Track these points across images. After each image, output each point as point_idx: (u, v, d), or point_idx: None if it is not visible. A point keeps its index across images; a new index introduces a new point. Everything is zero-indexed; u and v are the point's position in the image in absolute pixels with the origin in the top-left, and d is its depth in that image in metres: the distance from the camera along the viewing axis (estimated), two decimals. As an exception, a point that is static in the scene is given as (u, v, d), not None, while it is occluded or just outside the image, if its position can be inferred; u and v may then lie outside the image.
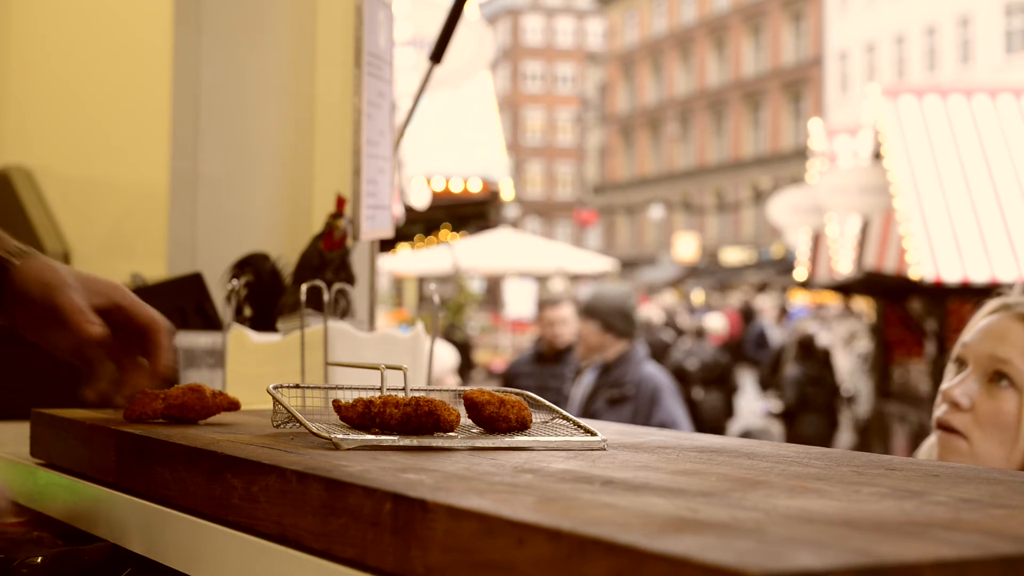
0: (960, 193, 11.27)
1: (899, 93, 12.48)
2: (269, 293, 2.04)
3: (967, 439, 1.86)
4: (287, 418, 1.39)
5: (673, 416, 5.60)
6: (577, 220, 53.72)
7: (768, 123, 46.73)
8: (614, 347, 5.81)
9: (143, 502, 1.34)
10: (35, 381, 1.95)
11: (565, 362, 6.95)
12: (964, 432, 1.86)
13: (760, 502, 0.96)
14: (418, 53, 8.03)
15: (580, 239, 56.08)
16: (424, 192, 11.23)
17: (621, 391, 5.65)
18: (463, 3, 2.55)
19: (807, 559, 0.74)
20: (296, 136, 2.65)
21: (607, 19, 60.42)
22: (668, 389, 5.76)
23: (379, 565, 0.99)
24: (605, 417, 5.48)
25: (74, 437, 1.54)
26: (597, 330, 5.81)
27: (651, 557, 0.76)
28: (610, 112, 57.99)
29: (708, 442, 1.44)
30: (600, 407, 5.65)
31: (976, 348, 1.89)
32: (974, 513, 0.94)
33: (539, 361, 7.12)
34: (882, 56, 39.50)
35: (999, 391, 1.86)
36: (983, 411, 1.86)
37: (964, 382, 1.88)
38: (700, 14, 51.47)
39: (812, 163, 16.64)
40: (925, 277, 10.67)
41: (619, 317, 5.80)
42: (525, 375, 7.11)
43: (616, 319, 5.79)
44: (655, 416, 5.53)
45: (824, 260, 15.29)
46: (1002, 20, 34.73)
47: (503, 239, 18.06)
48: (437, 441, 1.30)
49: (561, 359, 6.97)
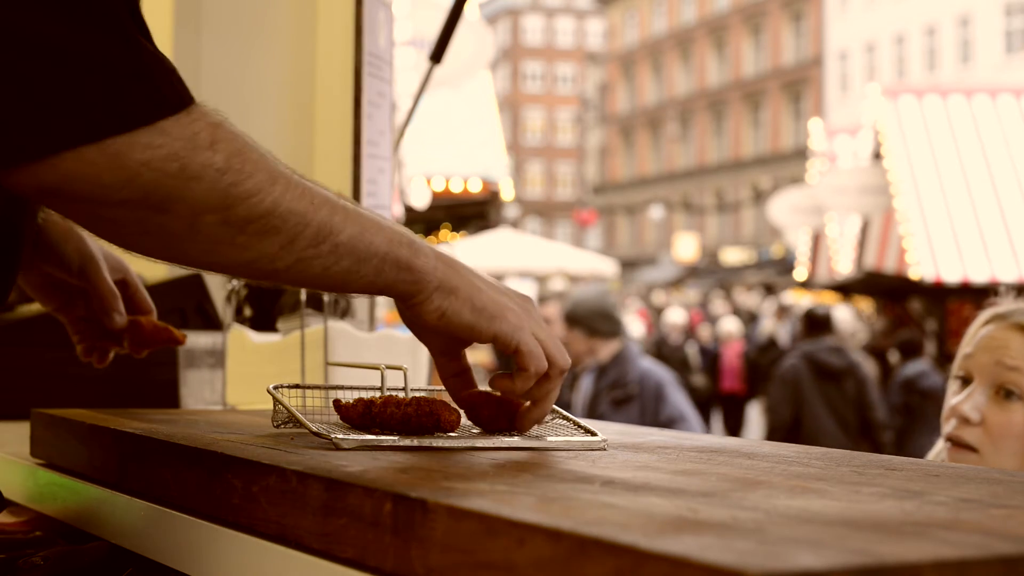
0: (960, 193, 11.27)
1: (899, 93, 12.49)
2: (269, 293, 2.04)
3: (979, 453, 1.85)
4: (287, 418, 1.39)
5: (680, 410, 5.56)
6: (577, 220, 53.72)
7: (768, 123, 46.74)
8: (605, 348, 5.77)
9: (143, 502, 1.34)
10: (35, 381, 1.95)
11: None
12: (976, 446, 1.85)
13: (760, 502, 0.96)
14: (418, 53, 8.04)
15: (580, 239, 56.07)
16: (424, 192, 11.24)
17: (625, 391, 5.60)
18: (463, 3, 2.55)
19: (807, 559, 0.74)
20: (296, 136, 2.65)
21: (607, 19, 60.43)
22: (671, 383, 5.72)
23: (379, 565, 0.99)
24: (612, 419, 5.42)
25: (74, 437, 1.54)
26: (583, 337, 5.78)
27: (651, 557, 0.76)
28: (610, 112, 58.00)
29: (708, 442, 1.44)
30: (605, 409, 5.60)
31: (979, 361, 1.88)
32: (974, 513, 0.94)
33: None
34: (882, 56, 39.51)
35: (1008, 403, 1.85)
36: (993, 423, 1.85)
37: (972, 396, 1.87)
38: (700, 14, 51.48)
39: (812, 163, 16.65)
40: (925, 277, 10.67)
41: (601, 319, 5.76)
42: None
43: (599, 321, 5.75)
44: (663, 412, 5.49)
45: (824, 260, 15.30)
46: (1002, 20, 34.74)
47: (503, 239, 18.06)
48: (437, 441, 1.30)
49: None
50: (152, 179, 1.11)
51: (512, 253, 17.98)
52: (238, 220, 1.16)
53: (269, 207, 1.17)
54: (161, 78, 1.15)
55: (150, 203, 1.12)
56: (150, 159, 1.11)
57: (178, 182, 1.12)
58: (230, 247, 1.17)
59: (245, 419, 1.60)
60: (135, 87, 1.12)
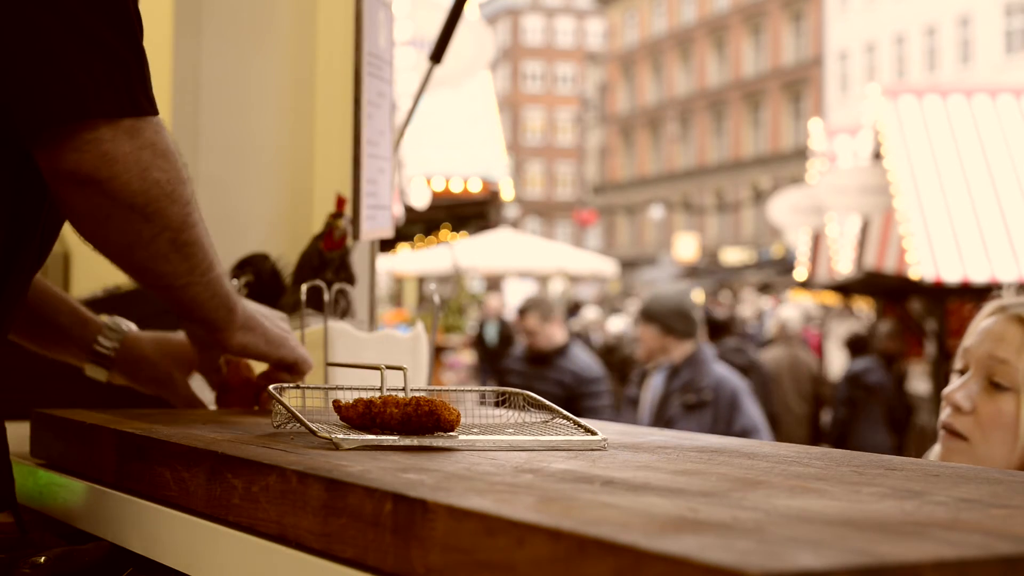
0: (960, 193, 11.26)
1: (899, 93, 12.48)
2: (269, 293, 2.04)
3: (969, 441, 1.87)
4: (287, 418, 1.39)
5: (754, 421, 5.44)
6: (577, 220, 53.71)
7: (768, 123, 46.73)
8: (679, 349, 5.61)
9: (143, 502, 1.34)
10: (35, 381, 1.95)
11: (553, 366, 6.86)
12: (966, 435, 1.87)
13: (760, 502, 0.96)
14: (418, 53, 8.04)
15: (580, 239, 56.06)
16: (424, 192, 11.24)
17: (698, 396, 5.45)
18: (463, 3, 2.55)
19: (807, 559, 0.74)
20: (296, 136, 2.65)
21: (607, 19, 60.41)
22: (746, 392, 5.60)
23: (379, 565, 0.99)
24: (682, 422, 5.33)
25: (74, 437, 1.54)
26: (658, 334, 5.62)
27: (651, 557, 0.76)
28: (610, 112, 57.98)
29: (708, 442, 1.44)
30: (675, 413, 5.47)
31: (976, 351, 1.91)
32: (974, 513, 0.94)
33: (528, 361, 7.07)
34: (882, 56, 39.50)
35: (999, 393, 1.87)
36: (984, 413, 1.87)
37: (965, 385, 1.90)
38: (700, 14, 51.46)
39: (812, 163, 16.63)
40: (925, 277, 10.66)
41: (678, 318, 5.61)
42: (515, 373, 7.06)
43: (675, 320, 5.60)
44: (737, 422, 5.35)
45: (824, 260, 15.28)
46: (1002, 20, 34.72)
47: (503, 239, 18.06)
48: (437, 441, 1.31)
49: (548, 362, 6.88)
50: (155, 192, 1.36)
51: (512, 253, 17.97)
52: (180, 242, 1.43)
53: (199, 235, 1.45)
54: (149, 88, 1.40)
55: (146, 212, 1.38)
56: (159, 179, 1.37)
57: (166, 202, 1.38)
58: (164, 261, 1.44)
59: (245, 419, 1.60)
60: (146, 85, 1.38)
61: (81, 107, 1.31)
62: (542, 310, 6.92)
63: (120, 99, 1.33)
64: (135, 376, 1.76)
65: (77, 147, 1.32)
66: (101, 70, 1.32)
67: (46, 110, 1.31)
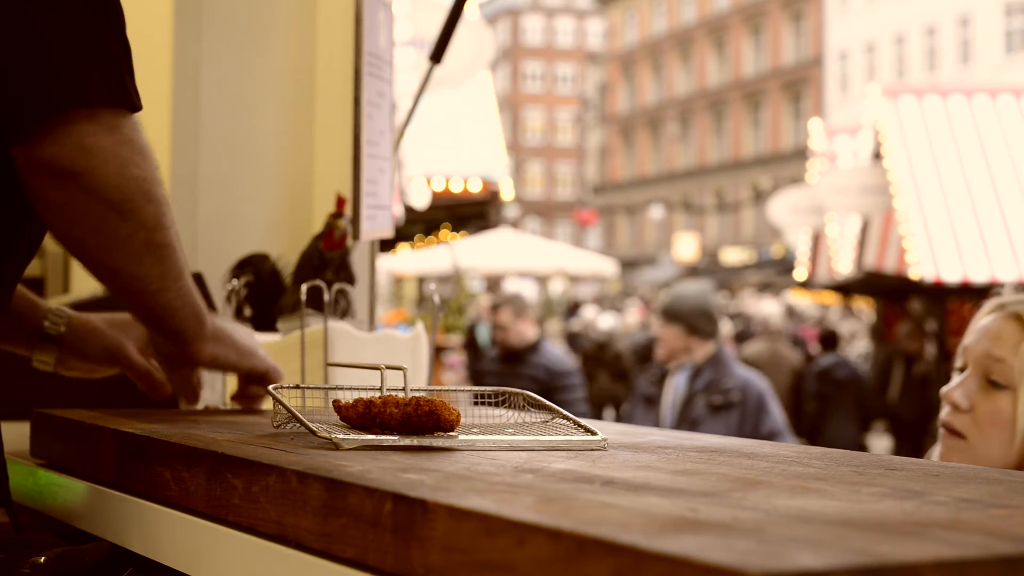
0: (960, 193, 11.26)
1: (899, 93, 12.48)
2: (269, 293, 2.04)
3: (967, 439, 1.88)
4: (287, 418, 1.39)
5: (780, 424, 5.38)
6: (577, 220, 53.70)
7: (768, 123, 46.73)
8: (701, 349, 5.52)
9: (143, 502, 1.34)
10: (35, 381, 1.95)
11: (526, 363, 6.88)
12: (965, 433, 1.88)
13: (760, 502, 0.96)
14: (418, 53, 8.03)
15: (580, 239, 56.06)
16: (424, 192, 11.23)
17: (725, 397, 5.37)
18: (463, 3, 2.55)
19: (807, 559, 0.74)
20: (296, 136, 2.65)
21: (607, 19, 60.41)
22: (771, 394, 5.53)
23: (379, 565, 0.99)
24: (707, 423, 5.28)
25: (74, 437, 1.54)
26: (681, 334, 5.51)
27: (651, 557, 0.76)
28: (610, 112, 57.98)
29: (708, 442, 1.44)
30: (700, 413, 5.39)
31: (974, 349, 1.91)
32: (974, 513, 0.94)
33: (502, 361, 7.09)
34: (882, 56, 39.50)
35: (996, 391, 1.87)
36: (982, 411, 1.87)
37: (963, 384, 1.90)
38: (700, 14, 51.46)
39: (812, 163, 16.63)
40: (925, 277, 10.66)
41: (702, 318, 5.51)
42: (490, 373, 7.07)
43: (699, 320, 5.50)
44: (764, 424, 5.29)
45: (824, 260, 15.27)
46: (1002, 20, 34.72)
47: (503, 239, 18.05)
48: (437, 441, 1.31)
49: (521, 359, 6.90)
50: (132, 189, 1.36)
51: (512, 253, 17.97)
52: (154, 243, 1.41)
53: (172, 239, 1.44)
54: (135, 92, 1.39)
55: (122, 209, 1.36)
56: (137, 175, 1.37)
57: (141, 200, 1.37)
58: (137, 262, 1.42)
59: (245, 419, 1.60)
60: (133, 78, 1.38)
61: (64, 98, 1.30)
62: (515, 306, 6.95)
63: (110, 90, 1.33)
64: (86, 350, 1.70)
65: (55, 139, 1.30)
66: (91, 62, 1.32)
67: (28, 102, 1.30)
